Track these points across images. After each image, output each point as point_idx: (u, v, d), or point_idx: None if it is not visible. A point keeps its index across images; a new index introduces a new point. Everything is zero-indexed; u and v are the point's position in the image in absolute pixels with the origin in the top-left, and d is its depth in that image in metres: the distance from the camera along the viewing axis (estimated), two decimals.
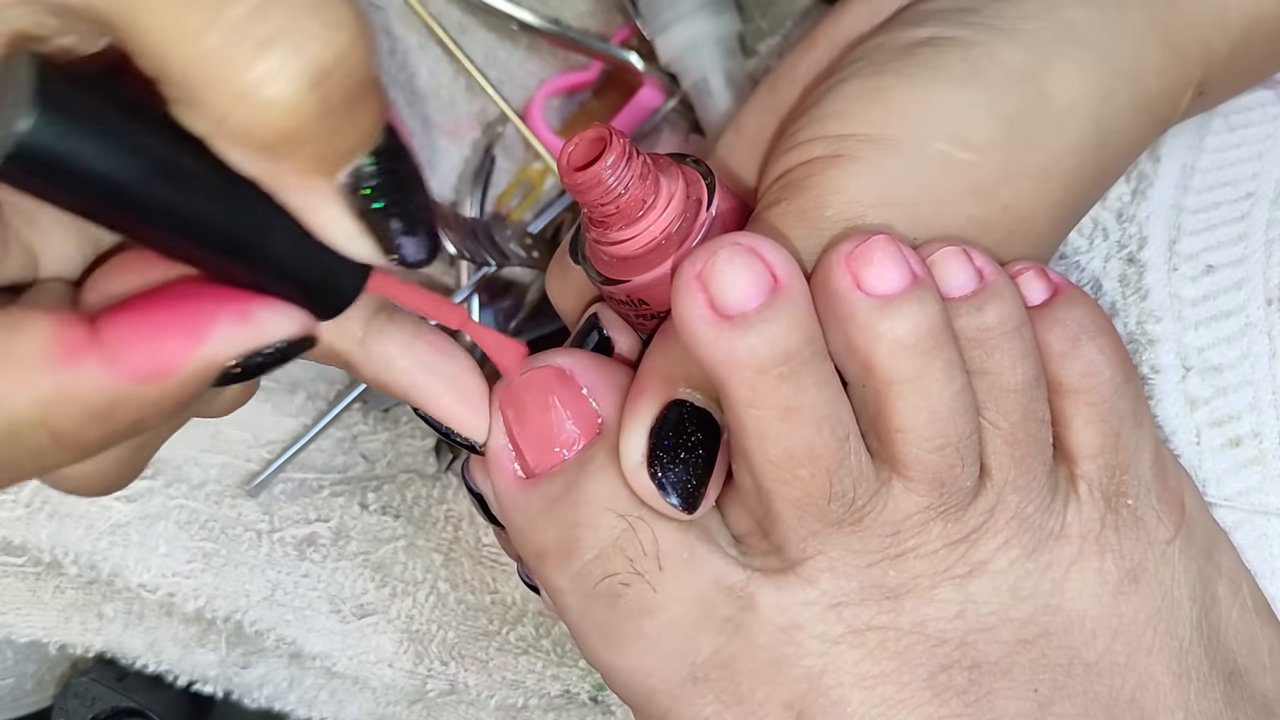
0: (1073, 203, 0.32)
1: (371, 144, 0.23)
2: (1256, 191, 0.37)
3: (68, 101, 0.20)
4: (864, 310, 0.27)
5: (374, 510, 0.42)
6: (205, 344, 0.23)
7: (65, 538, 0.41)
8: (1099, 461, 0.30)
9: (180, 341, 0.23)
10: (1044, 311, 0.30)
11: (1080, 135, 0.31)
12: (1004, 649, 0.29)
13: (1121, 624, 0.30)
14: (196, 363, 0.23)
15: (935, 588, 0.29)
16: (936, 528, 0.29)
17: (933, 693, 0.29)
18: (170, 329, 0.23)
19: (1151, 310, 0.36)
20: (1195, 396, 0.36)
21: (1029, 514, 0.30)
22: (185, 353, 0.23)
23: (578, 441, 0.30)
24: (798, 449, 0.27)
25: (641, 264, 0.31)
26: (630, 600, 0.29)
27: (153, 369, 0.22)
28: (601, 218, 0.30)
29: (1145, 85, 0.32)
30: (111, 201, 0.21)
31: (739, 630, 0.29)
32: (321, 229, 0.23)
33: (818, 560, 0.29)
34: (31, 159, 0.20)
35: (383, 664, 0.40)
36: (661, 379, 0.29)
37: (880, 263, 0.28)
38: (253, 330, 0.24)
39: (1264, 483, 0.35)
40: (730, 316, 0.27)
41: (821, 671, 0.29)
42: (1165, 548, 0.31)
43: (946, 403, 0.28)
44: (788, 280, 0.27)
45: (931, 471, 0.28)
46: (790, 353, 0.27)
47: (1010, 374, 0.29)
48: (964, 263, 0.29)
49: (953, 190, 0.30)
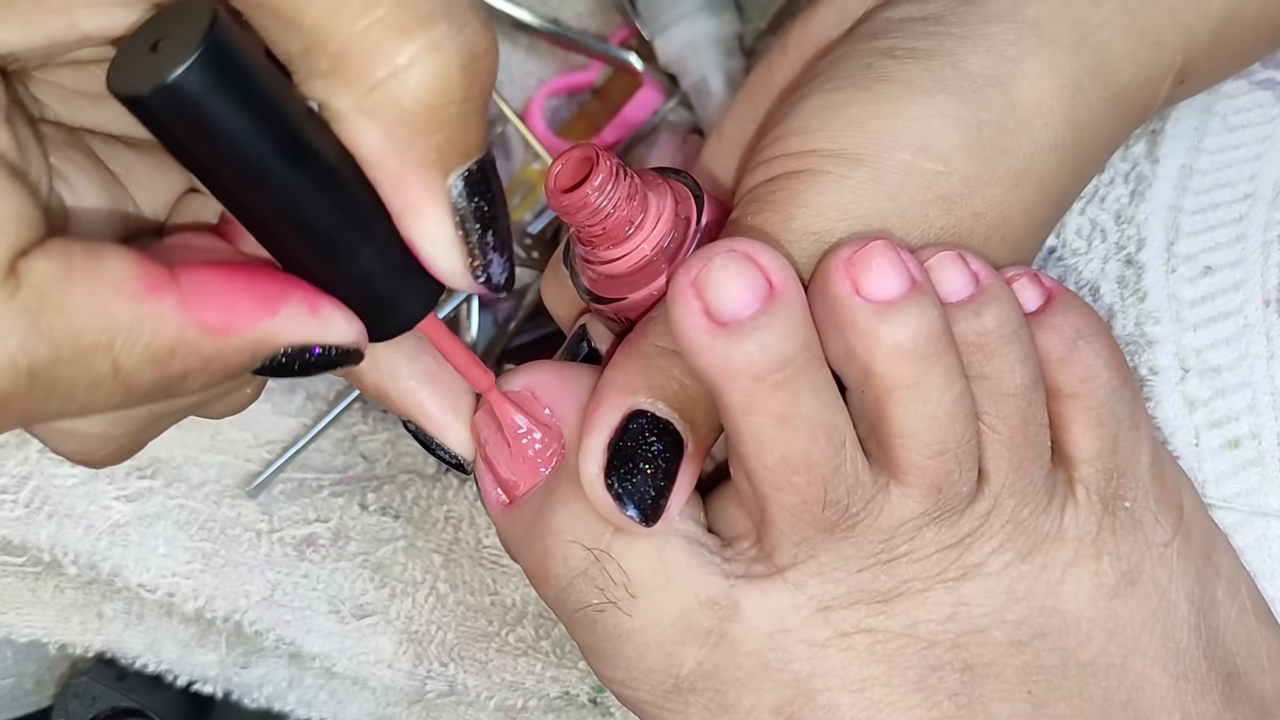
0: (1049, 203, 0.32)
1: (484, 149, 0.25)
2: (1255, 193, 0.37)
3: (228, 56, 0.21)
4: (863, 316, 0.27)
5: (374, 511, 0.42)
6: (273, 317, 0.24)
7: (65, 537, 0.41)
8: (1096, 465, 0.30)
9: (251, 307, 0.24)
10: (1039, 317, 0.30)
11: (1051, 136, 0.31)
12: (997, 651, 0.29)
13: (1118, 625, 0.30)
14: (260, 333, 0.24)
15: (927, 591, 0.29)
16: (930, 533, 0.29)
17: (923, 695, 0.29)
18: (245, 293, 0.24)
19: (1150, 312, 0.36)
20: (1194, 398, 0.36)
21: (1024, 517, 0.30)
22: (253, 319, 0.24)
23: (544, 466, 0.30)
24: (793, 456, 0.27)
25: (630, 283, 0.31)
26: (607, 625, 0.29)
27: (220, 323, 0.23)
28: (589, 238, 0.30)
29: (1118, 76, 0.32)
30: (232, 162, 0.22)
31: (723, 640, 0.29)
32: (420, 232, 0.25)
33: (807, 565, 0.29)
34: (179, 99, 0.21)
35: (382, 665, 0.40)
36: (620, 389, 0.29)
37: (879, 268, 0.27)
38: (318, 324, 0.25)
39: (1263, 484, 0.35)
40: (726, 323, 0.26)
41: (810, 676, 0.29)
42: (1163, 550, 0.31)
43: (946, 408, 0.28)
44: (784, 286, 0.27)
45: (930, 477, 0.28)
46: (786, 359, 0.26)
47: (1010, 378, 0.29)
48: (960, 267, 0.29)
49: (920, 201, 0.30)
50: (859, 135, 0.30)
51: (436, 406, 0.30)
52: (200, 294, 0.23)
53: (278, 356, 0.24)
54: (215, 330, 0.23)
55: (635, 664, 0.29)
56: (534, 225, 0.48)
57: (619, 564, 0.29)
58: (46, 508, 0.41)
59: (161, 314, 0.22)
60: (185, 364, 0.23)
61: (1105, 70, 0.32)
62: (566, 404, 0.30)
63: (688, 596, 0.29)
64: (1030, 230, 0.32)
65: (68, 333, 0.22)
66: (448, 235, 0.25)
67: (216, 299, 0.23)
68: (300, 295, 0.24)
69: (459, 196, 0.24)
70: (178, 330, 0.23)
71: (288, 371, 0.25)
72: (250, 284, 0.24)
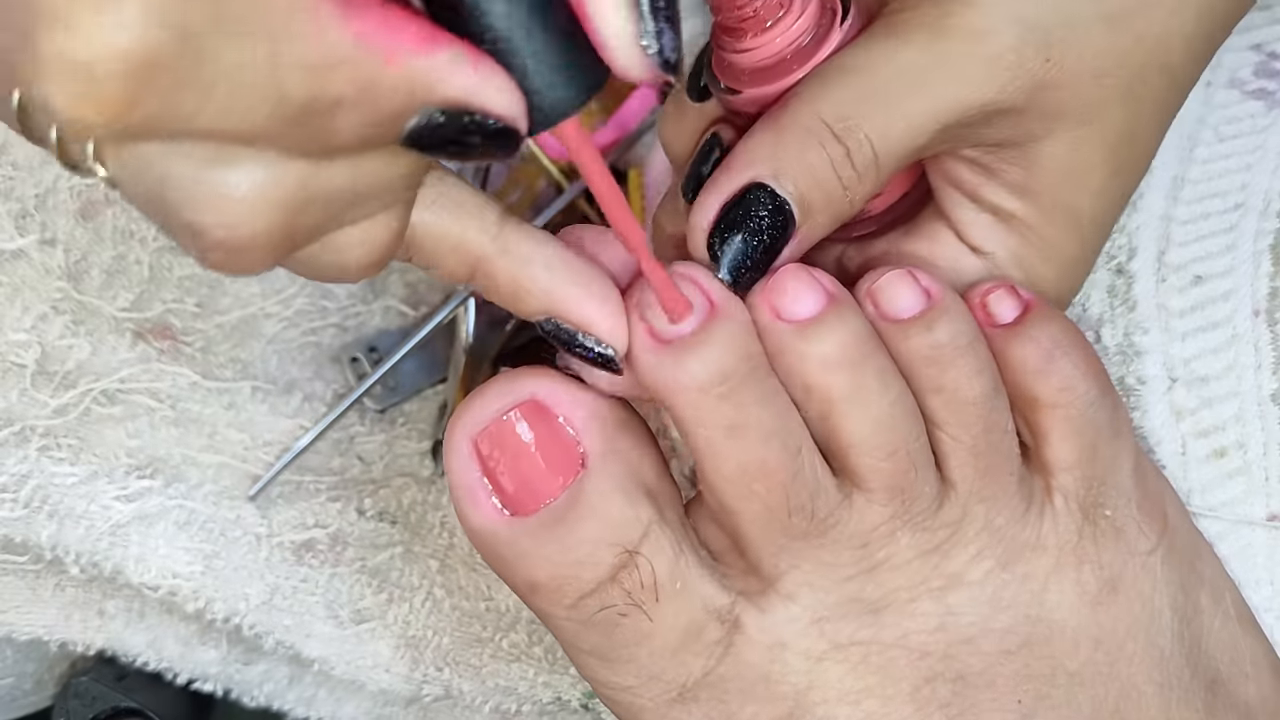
0: (1206, 35, 0.31)
1: None
2: (1245, 202, 0.38)
3: None
4: (788, 337, 0.28)
5: (371, 516, 0.43)
6: (434, 56, 0.21)
7: (65, 538, 0.41)
8: (1075, 474, 0.31)
9: (413, 39, 0.21)
10: (1016, 329, 0.30)
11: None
12: (987, 660, 0.30)
13: (1102, 634, 0.31)
14: (420, 67, 0.21)
15: (914, 600, 0.30)
16: (905, 538, 0.29)
17: (916, 706, 0.29)
18: (408, 25, 0.21)
19: (1139, 322, 0.37)
20: (1181, 407, 0.36)
21: (1000, 525, 0.30)
22: (415, 49, 0.21)
23: (563, 477, 0.29)
24: (749, 464, 0.28)
25: (776, 72, 0.30)
26: (627, 630, 0.29)
27: (382, 43, 0.21)
28: (738, 22, 0.30)
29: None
30: None
31: (727, 652, 0.29)
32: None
33: (793, 575, 0.29)
34: None
35: (379, 669, 0.41)
36: (748, 161, 0.29)
37: (794, 290, 0.28)
38: (477, 80, 0.22)
39: (1248, 493, 0.35)
40: (668, 341, 0.27)
41: (807, 688, 0.29)
42: (1146, 558, 0.32)
43: (887, 409, 0.28)
44: (723, 302, 0.28)
45: (888, 479, 0.29)
46: (727, 372, 0.27)
47: (967, 388, 0.29)
48: (910, 284, 0.30)
49: (1085, 15, 0.29)
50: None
51: (579, 294, 0.28)
52: (363, 8, 0.21)
53: (434, 115, 0.22)
54: (375, 50, 0.21)
55: (646, 670, 0.29)
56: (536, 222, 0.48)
57: (650, 564, 0.29)
58: (46, 507, 0.41)
59: (320, 13, 0.20)
60: (339, 85, 0.20)
61: None
62: (582, 413, 0.29)
63: (699, 605, 0.29)
64: (1188, 60, 0.31)
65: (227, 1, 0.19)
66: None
67: (378, 18, 0.21)
68: (462, 48, 0.22)
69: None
70: (336, 37, 0.20)
71: (442, 140, 0.22)
72: (413, 18, 0.21)
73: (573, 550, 0.29)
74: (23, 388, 0.42)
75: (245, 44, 0.19)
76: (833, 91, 0.29)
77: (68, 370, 0.42)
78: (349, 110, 0.21)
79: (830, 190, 0.29)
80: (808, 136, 0.29)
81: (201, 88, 0.19)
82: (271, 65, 0.20)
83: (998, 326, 0.30)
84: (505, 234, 0.27)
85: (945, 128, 0.29)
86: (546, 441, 0.29)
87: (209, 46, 0.19)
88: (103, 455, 0.41)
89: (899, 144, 0.29)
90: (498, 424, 0.29)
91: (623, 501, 0.29)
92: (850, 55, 0.30)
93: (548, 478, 0.29)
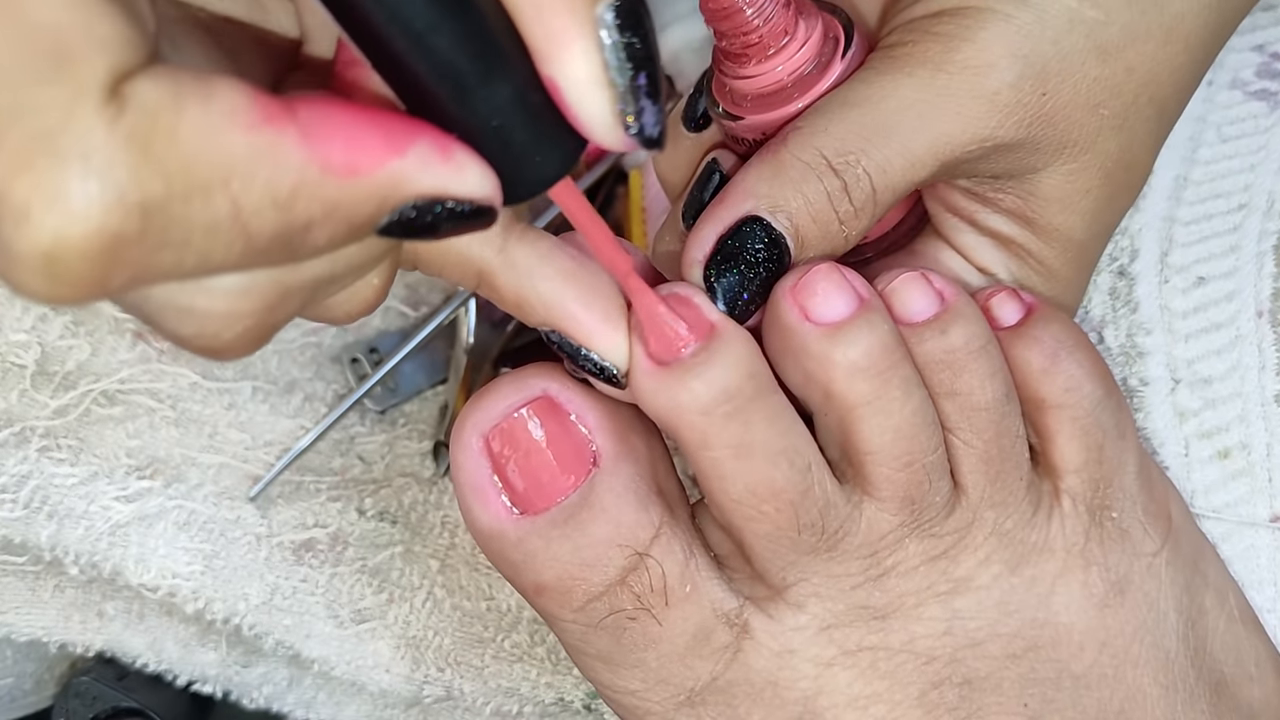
0: (1193, 66, 0.32)
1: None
2: (1249, 203, 0.38)
3: None
4: (815, 340, 0.28)
5: (371, 516, 0.43)
6: (402, 158, 0.21)
7: (65, 538, 0.41)
8: (1082, 475, 0.31)
9: (378, 146, 0.21)
10: (1020, 330, 0.30)
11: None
12: (993, 664, 0.30)
13: (1109, 636, 0.31)
14: (387, 174, 0.21)
15: (921, 606, 0.29)
16: (913, 545, 0.29)
17: (924, 710, 0.29)
18: (371, 130, 0.21)
19: (1141, 323, 0.37)
20: (1184, 408, 0.36)
21: (1008, 529, 0.30)
22: (380, 158, 0.21)
23: (574, 475, 0.29)
24: (758, 485, 0.27)
25: (778, 99, 0.31)
26: (635, 633, 0.29)
27: (344, 161, 0.20)
28: (740, 49, 0.30)
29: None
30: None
31: (736, 657, 0.29)
32: (563, 68, 0.21)
33: (801, 586, 0.29)
34: None
35: (380, 670, 0.41)
36: (745, 194, 0.29)
37: (825, 292, 0.28)
38: (450, 170, 0.22)
39: (1252, 494, 0.35)
40: (668, 364, 0.27)
41: (816, 694, 0.29)
42: (1151, 560, 0.32)
43: (909, 419, 0.28)
44: (722, 323, 0.27)
45: (902, 489, 0.28)
46: (731, 391, 0.27)
47: (980, 393, 0.29)
48: (924, 287, 0.29)
49: (1079, 49, 0.30)
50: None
51: (583, 309, 0.27)
52: (322, 128, 0.20)
53: (406, 210, 0.21)
54: (339, 170, 0.20)
55: (654, 674, 0.29)
56: (537, 223, 0.48)
57: (661, 567, 0.29)
58: (46, 508, 0.41)
59: (281, 148, 0.20)
60: (308, 209, 0.20)
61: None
62: (593, 411, 0.29)
63: (709, 609, 0.29)
64: (1176, 92, 0.32)
65: (181, 163, 0.19)
66: (595, 73, 0.21)
67: (340, 134, 0.20)
68: (430, 137, 0.21)
69: (609, 29, 0.21)
70: (299, 167, 0.20)
71: (416, 229, 0.22)
72: (375, 120, 0.21)
73: (582, 551, 0.29)
74: (23, 388, 0.41)
75: (209, 200, 0.19)
76: (832, 125, 0.29)
77: (68, 371, 0.42)
78: (319, 227, 0.21)
79: (826, 224, 0.29)
80: (806, 171, 0.29)
81: (173, 248, 0.20)
82: (236, 212, 0.20)
83: (1001, 329, 0.30)
84: (509, 245, 0.27)
85: (944, 164, 0.29)
86: (558, 439, 0.29)
87: (174, 212, 0.19)
88: (103, 456, 0.41)
89: (897, 179, 0.29)
90: (509, 420, 0.29)
91: (635, 502, 0.29)
92: (851, 89, 0.30)
93: (559, 476, 0.29)
